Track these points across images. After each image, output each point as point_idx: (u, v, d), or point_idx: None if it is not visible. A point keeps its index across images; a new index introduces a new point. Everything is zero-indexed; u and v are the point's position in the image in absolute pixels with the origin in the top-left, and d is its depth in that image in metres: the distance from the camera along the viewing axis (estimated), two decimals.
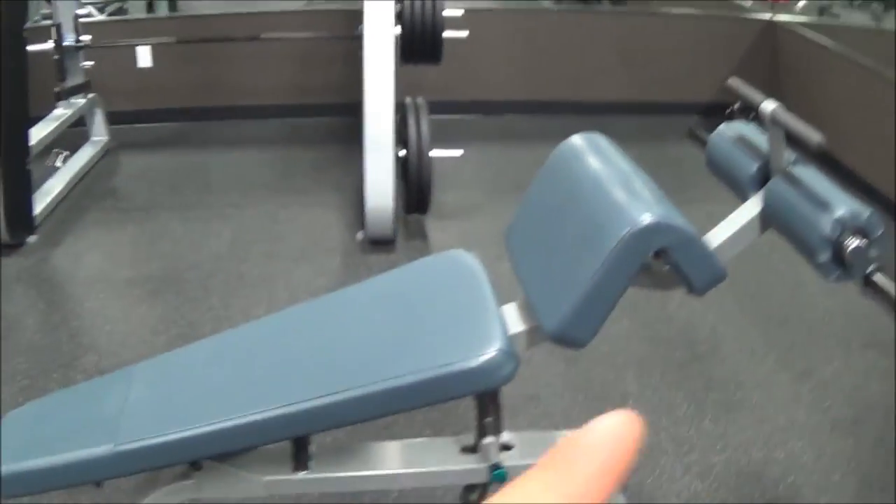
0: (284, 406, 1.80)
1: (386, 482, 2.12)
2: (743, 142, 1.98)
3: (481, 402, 1.90)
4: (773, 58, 5.76)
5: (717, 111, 5.64)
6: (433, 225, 4.27)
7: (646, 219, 1.63)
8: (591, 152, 1.95)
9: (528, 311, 1.91)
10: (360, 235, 4.11)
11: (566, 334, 1.74)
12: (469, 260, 2.12)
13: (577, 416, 2.79)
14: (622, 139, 2.05)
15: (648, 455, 2.64)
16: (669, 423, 2.78)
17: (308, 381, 1.88)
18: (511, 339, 1.80)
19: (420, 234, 4.19)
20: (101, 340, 3.36)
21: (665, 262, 1.71)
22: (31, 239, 4.17)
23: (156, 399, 2.03)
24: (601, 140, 2.01)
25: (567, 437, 0.44)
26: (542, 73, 5.89)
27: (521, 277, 1.95)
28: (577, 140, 2.01)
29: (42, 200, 4.43)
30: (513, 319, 1.91)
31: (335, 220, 4.36)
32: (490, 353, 1.72)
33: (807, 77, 5.36)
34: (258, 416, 1.81)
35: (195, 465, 1.99)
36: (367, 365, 1.86)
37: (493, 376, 1.73)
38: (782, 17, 5.80)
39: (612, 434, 0.46)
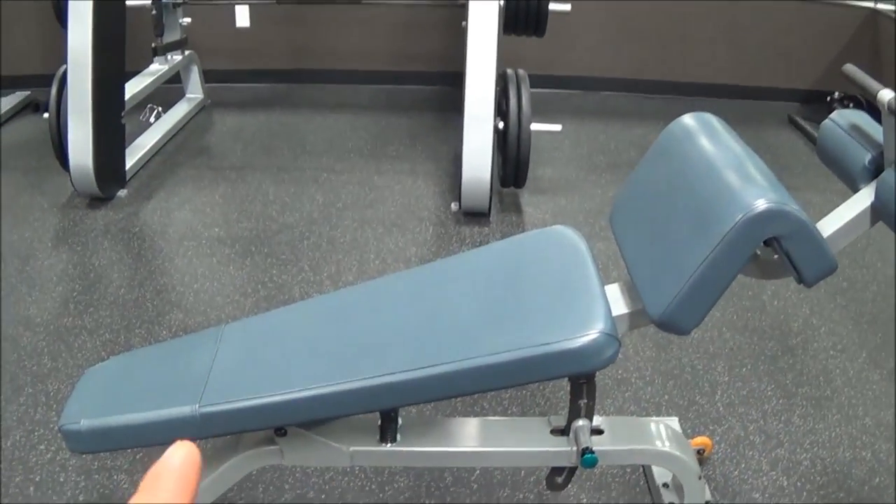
0: (375, 377, 1.74)
1: (473, 459, 2.06)
2: (856, 131, 1.86)
3: (575, 384, 1.82)
4: (874, 47, 5.51)
5: (816, 99, 5.44)
6: (528, 200, 4.15)
7: (761, 205, 1.55)
8: (703, 133, 1.87)
9: (631, 293, 1.85)
10: (454, 206, 4.01)
11: (671, 321, 1.68)
12: (574, 237, 2.04)
13: (666, 404, 2.72)
14: None
15: (735, 447, 2.54)
16: (758, 416, 2.67)
17: (401, 353, 1.80)
18: (614, 322, 1.72)
19: (514, 209, 4.06)
20: (188, 298, 3.29)
21: (775, 250, 1.63)
22: (122, 193, 4.15)
23: (244, 361, 1.96)
24: (713, 120, 1.93)
25: (148, 475, 0.54)
26: (641, 51, 5.74)
27: (626, 258, 1.89)
28: (688, 120, 1.93)
29: (134, 155, 4.42)
30: (615, 301, 1.84)
31: (429, 189, 4.25)
32: (593, 334, 1.65)
33: None
34: (348, 386, 1.75)
35: (279, 431, 1.94)
36: (464, 339, 1.78)
37: (594, 359, 1.66)
38: (885, 6, 5.52)
39: (179, 466, 0.55)
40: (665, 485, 2.25)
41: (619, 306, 1.83)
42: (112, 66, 4.03)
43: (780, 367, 2.90)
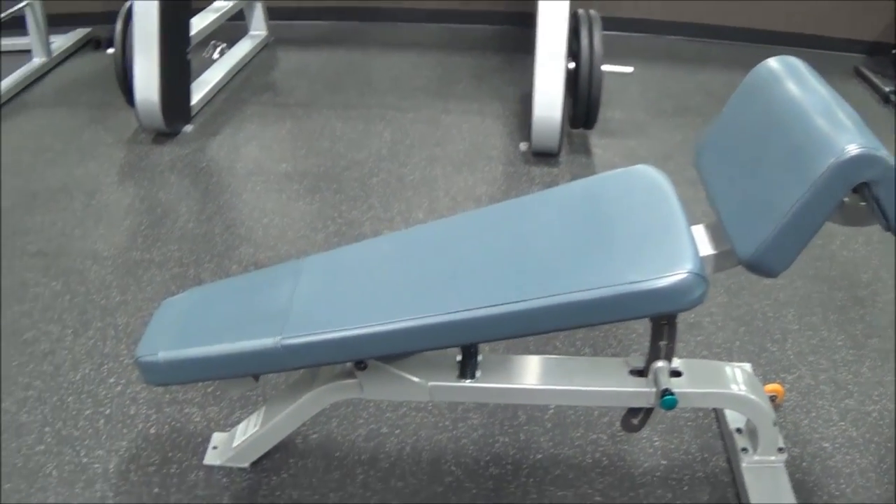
0: (457, 312, 1.71)
1: (551, 397, 2.05)
2: None
3: (657, 325, 1.81)
4: None
5: (882, 50, 5.25)
6: (596, 142, 4.04)
7: (853, 149, 1.50)
8: (791, 76, 1.80)
9: (717, 234, 1.83)
10: (523, 146, 3.94)
11: (762, 262, 1.65)
12: (658, 176, 1.99)
13: (737, 350, 2.66)
14: None
15: (806, 395, 2.47)
16: (829, 366, 2.59)
17: (484, 287, 1.77)
18: (702, 262, 1.68)
19: (583, 150, 3.96)
20: (258, 233, 3.25)
21: (863, 196, 1.57)
22: (188, 128, 4.11)
23: (324, 294, 1.93)
24: (799, 64, 1.85)
25: None
26: None
27: (713, 199, 1.85)
28: (774, 63, 1.86)
29: (199, 91, 4.38)
30: (702, 241, 1.82)
31: (497, 129, 4.15)
32: (681, 273, 1.61)
33: None
34: (431, 320, 1.72)
35: (359, 365, 1.94)
36: (548, 275, 1.74)
37: (682, 299, 1.63)
38: None
39: None
40: (738, 430, 2.20)
41: (706, 247, 1.81)
42: (178, 1, 3.98)
43: (850, 318, 2.81)
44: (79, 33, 5.37)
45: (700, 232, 1.85)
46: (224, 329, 1.89)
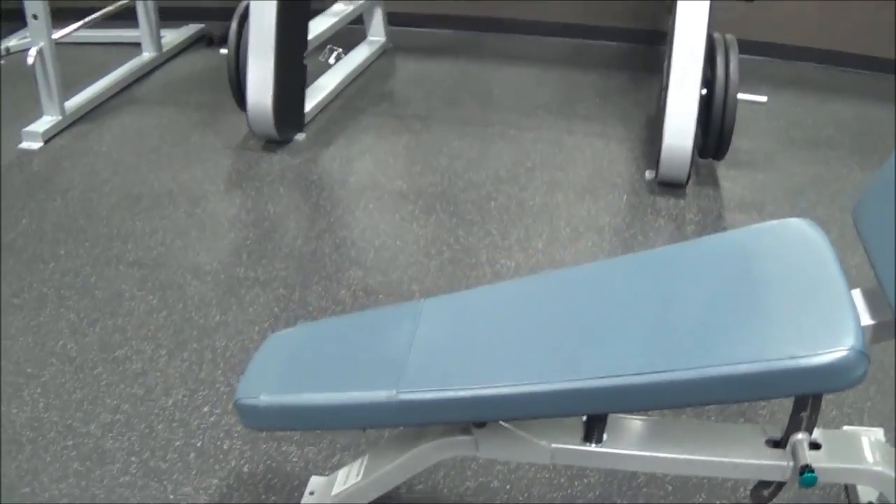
0: (595, 379, 1.54)
1: (681, 466, 1.82)
2: None
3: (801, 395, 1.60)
4: None
5: None
6: (724, 173, 3.80)
7: None
8: None
9: (879, 301, 1.61)
10: (649, 174, 3.71)
11: None
12: (814, 232, 1.77)
13: (868, 411, 2.44)
14: None
15: None
16: None
17: (622, 352, 1.59)
18: (864, 336, 1.48)
19: (711, 182, 3.73)
20: (369, 255, 3.09)
21: None
22: (300, 137, 3.97)
23: (446, 344, 1.76)
24: None
25: None
26: (841, 19, 5.26)
27: (873, 260, 1.63)
28: None
29: (313, 98, 4.24)
30: (860, 309, 1.60)
31: (622, 154, 3.94)
32: (842, 351, 1.42)
33: None
34: (564, 386, 1.55)
35: (477, 422, 1.75)
36: (697, 344, 1.55)
37: (841, 378, 1.44)
38: None
39: None
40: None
41: (864, 316, 1.60)
42: (297, 3, 3.86)
43: None
44: (191, 29, 5.30)
45: (857, 298, 1.64)
46: (334, 375, 1.74)
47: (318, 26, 4.37)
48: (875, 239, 1.67)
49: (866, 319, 1.59)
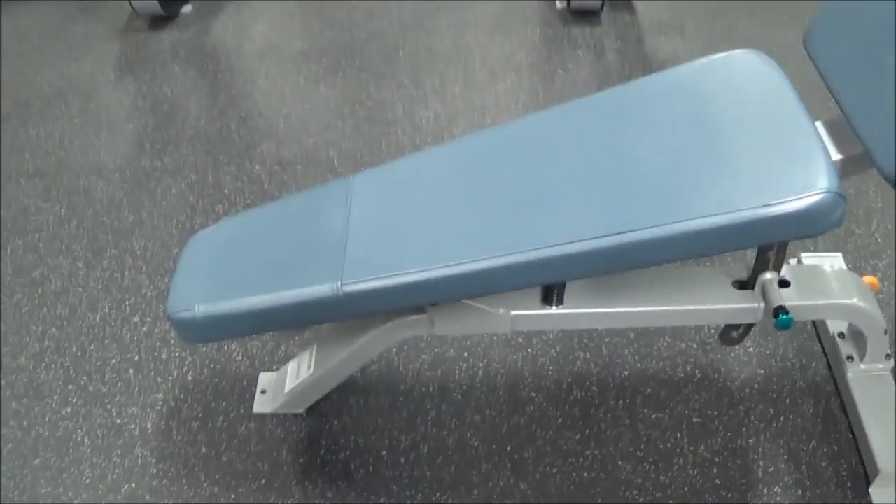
0: (545, 248, 1.45)
1: (649, 319, 1.76)
2: None
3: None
4: None
5: None
6: None
7: None
8: None
9: (845, 133, 1.51)
10: (560, 4, 3.56)
11: None
12: (767, 64, 1.66)
13: (822, 238, 2.40)
14: None
15: None
16: None
17: (574, 215, 1.49)
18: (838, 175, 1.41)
19: (626, 6, 3.57)
20: (278, 125, 2.93)
21: None
22: (186, 8, 3.71)
23: (384, 224, 1.64)
24: None
25: None
26: None
27: (834, 89, 1.53)
28: None
29: None
30: (827, 144, 1.51)
31: None
32: (819, 193, 1.35)
33: None
34: (515, 259, 1.46)
35: None
36: (656, 198, 1.47)
37: (818, 223, 1.38)
38: None
39: None
40: (840, 335, 2.01)
41: (832, 151, 1.51)
42: None
43: None
44: None
45: (821, 131, 1.54)
46: (270, 274, 1.61)
47: None
48: (833, 64, 1.57)
49: (835, 154, 1.50)
